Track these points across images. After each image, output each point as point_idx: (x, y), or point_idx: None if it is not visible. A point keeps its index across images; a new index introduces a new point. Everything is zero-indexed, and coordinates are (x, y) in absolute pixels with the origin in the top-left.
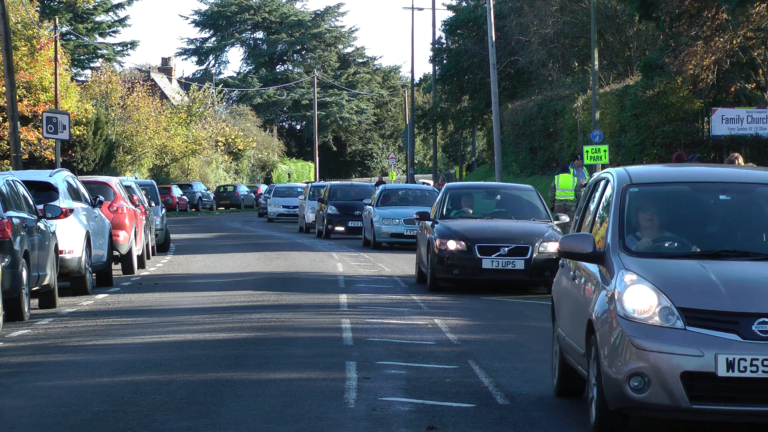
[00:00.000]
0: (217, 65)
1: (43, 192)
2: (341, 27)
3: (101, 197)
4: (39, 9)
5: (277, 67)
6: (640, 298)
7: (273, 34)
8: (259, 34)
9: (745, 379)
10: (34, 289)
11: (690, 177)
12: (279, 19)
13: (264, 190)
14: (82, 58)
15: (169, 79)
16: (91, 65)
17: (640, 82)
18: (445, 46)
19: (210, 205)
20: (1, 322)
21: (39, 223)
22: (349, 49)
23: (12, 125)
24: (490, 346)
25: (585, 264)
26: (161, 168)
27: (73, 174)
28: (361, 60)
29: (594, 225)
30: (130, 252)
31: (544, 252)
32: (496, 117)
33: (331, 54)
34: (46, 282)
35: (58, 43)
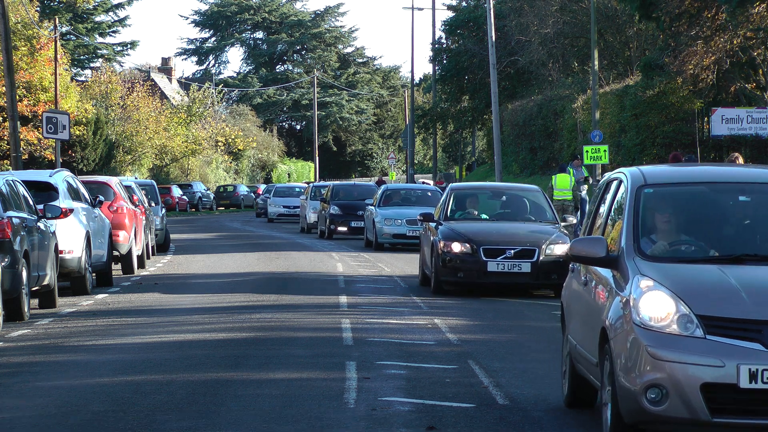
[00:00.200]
0: (217, 65)
1: (43, 192)
2: (341, 27)
3: (101, 197)
4: (39, 9)
5: (277, 67)
6: (656, 305)
7: (273, 34)
8: (259, 34)
9: None
10: (34, 289)
11: (707, 177)
12: (279, 19)
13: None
14: (82, 58)
15: (169, 79)
16: (91, 65)
17: (640, 82)
18: (445, 46)
19: (210, 205)
20: (1, 322)
21: (39, 223)
22: (349, 49)
23: (12, 125)
24: (490, 346)
25: (597, 269)
26: (161, 168)
27: (73, 174)
28: (361, 60)
29: (606, 228)
30: (130, 252)
31: (551, 254)
32: (496, 117)
33: (331, 54)
34: (46, 282)
35: (58, 43)
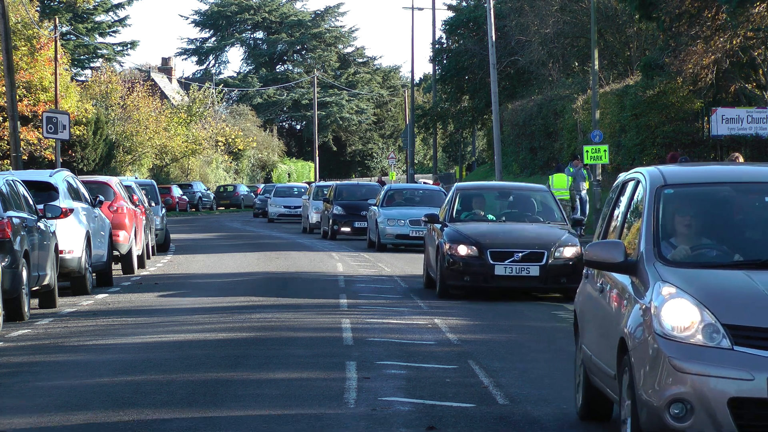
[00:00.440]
0: (217, 65)
1: (43, 192)
2: (341, 27)
3: (101, 197)
4: (39, 9)
5: (277, 67)
6: (680, 314)
7: (273, 34)
8: (259, 34)
9: None
10: (34, 289)
11: (731, 176)
12: (279, 19)
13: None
14: (82, 58)
15: (169, 79)
16: (91, 65)
17: (640, 82)
18: (445, 46)
19: (210, 205)
20: (1, 322)
21: (39, 223)
22: (349, 49)
23: (12, 125)
24: (490, 346)
25: (614, 274)
26: (161, 168)
27: (73, 174)
28: (361, 60)
29: (622, 231)
30: (130, 252)
31: (561, 257)
32: (496, 117)
33: (331, 54)
34: (46, 282)
35: (58, 43)
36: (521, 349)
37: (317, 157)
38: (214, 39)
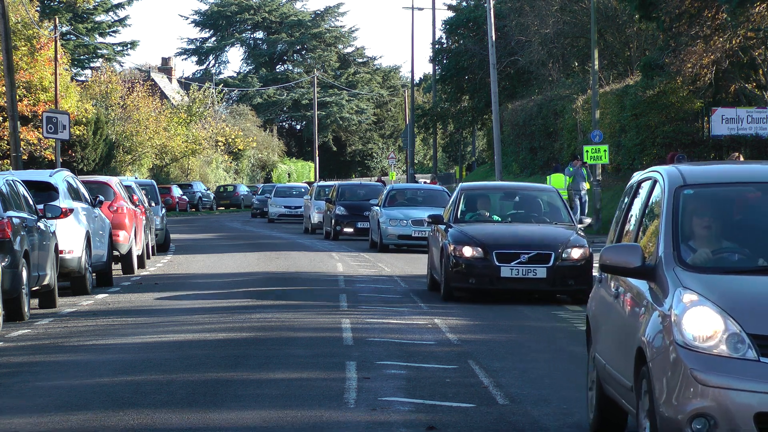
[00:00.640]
0: (217, 65)
1: (43, 192)
2: (341, 27)
3: (101, 197)
4: (39, 9)
5: (277, 67)
6: (702, 323)
7: (273, 34)
8: (259, 34)
9: None
10: (34, 289)
11: (755, 176)
12: (279, 19)
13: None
14: (82, 58)
15: (169, 79)
16: (91, 65)
17: (640, 82)
18: (445, 46)
19: (210, 205)
20: (1, 322)
21: (39, 223)
22: (349, 49)
23: (12, 125)
24: (490, 346)
25: (630, 279)
26: (161, 168)
27: (73, 174)
28: (361, 60)
29: (638, 234)
30: (130, 252)
31: (568, 258)
32: (496, 117)
33: (331, 54)
34: (46, 282)
35: (58, 43)
36: (521, 349)
37: (317, 157)
38: (214, 39)
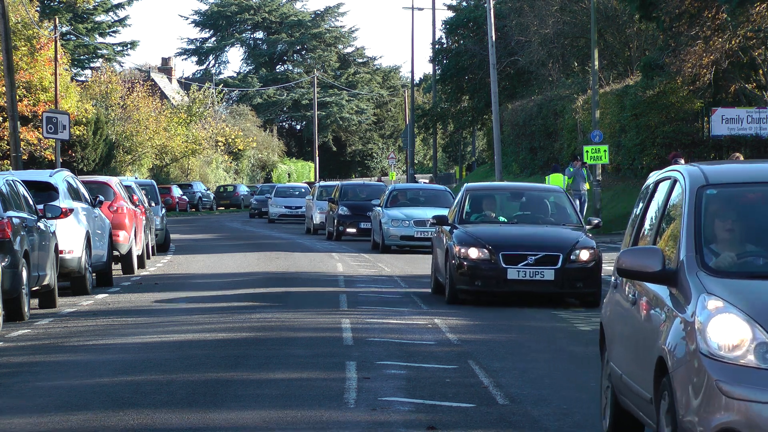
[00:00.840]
0: (217, 65)
1: (43, 192)
2: (341, 27)
3: (101, 197)
4: (39, 9)
5: (277, 67)
6: (728, 331)
7: (273, 34)
8: (259, 34)
9: None
10: (34, 289)
11: None
12: (279, 19)
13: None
14: (82, 58)
15: (169, 79)
16: (91, 65)
17: (640, 82)
18: (445, 46)
19: (210, 205)
20: (1, 322)
21: (39, 223)
22: (349, 49)
23: (12, 125)
24: (490, 346)
25: (649, 285)
26: (161, 168)
27: (73, 174)
28: (361, 60)
29: (656, 237)
30: (130, 252)
31: (577, 260)
32: (496, 117)
33: (331, 54)
34: (46, 282)
35: (58, 43)
36: (521, 349)
37: (317, 157)
38: (214, 39)
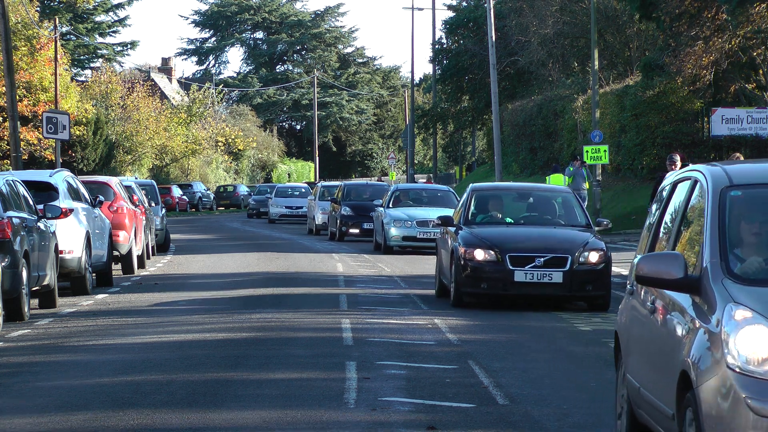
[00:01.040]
0: (217, 65)
1: (43, 192)
2: (341, 27)
3: (101, 197)
4: (39, 9)
5: (277, 67)
6: (757, 344)
7: (273, 34)
8: (259, 34)
9: None
10: (34, 289)
11: None
12: (279, 19)
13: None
14: (82, 58)
15: (169, 79)
16: (91, 65)
17: (640, 82)
18: (445, 46)
19: (210, 205)
20: (1, 322)
21: (39, 223)
22: (349, 49)
23: (12, 125)
24: (490, 346)
25: (668, 292)
26: (161, 168)
27: (73, 174)
28: (361, 60)
29: (676, 242)
30: (130, 252)
31: (586, 262)
32: (496, 117)
33: (331, 54)
34: (46, 282)
35: (58, 43)
36: (521, 349)
37: (317, 158)
38: (214, 39)
